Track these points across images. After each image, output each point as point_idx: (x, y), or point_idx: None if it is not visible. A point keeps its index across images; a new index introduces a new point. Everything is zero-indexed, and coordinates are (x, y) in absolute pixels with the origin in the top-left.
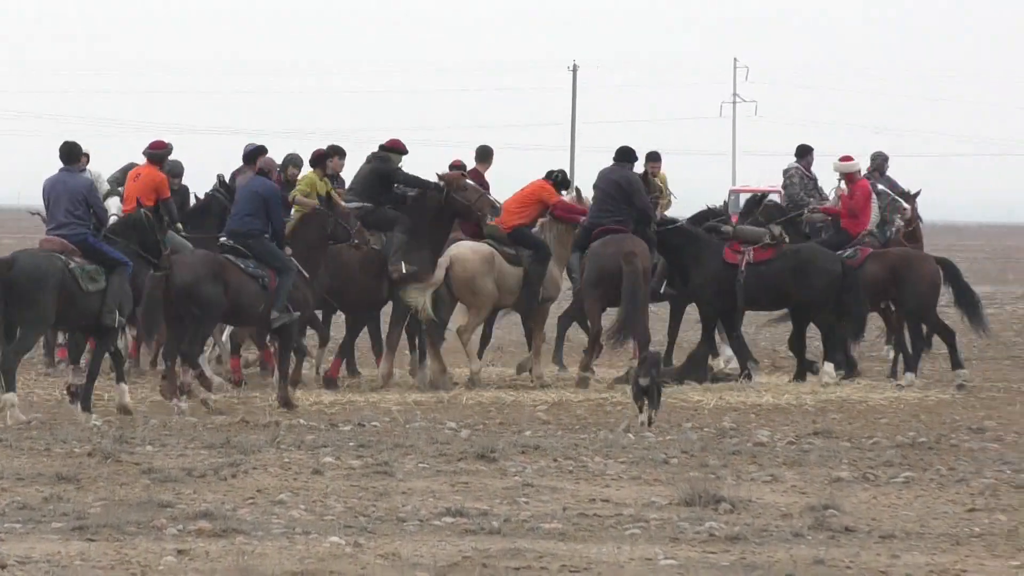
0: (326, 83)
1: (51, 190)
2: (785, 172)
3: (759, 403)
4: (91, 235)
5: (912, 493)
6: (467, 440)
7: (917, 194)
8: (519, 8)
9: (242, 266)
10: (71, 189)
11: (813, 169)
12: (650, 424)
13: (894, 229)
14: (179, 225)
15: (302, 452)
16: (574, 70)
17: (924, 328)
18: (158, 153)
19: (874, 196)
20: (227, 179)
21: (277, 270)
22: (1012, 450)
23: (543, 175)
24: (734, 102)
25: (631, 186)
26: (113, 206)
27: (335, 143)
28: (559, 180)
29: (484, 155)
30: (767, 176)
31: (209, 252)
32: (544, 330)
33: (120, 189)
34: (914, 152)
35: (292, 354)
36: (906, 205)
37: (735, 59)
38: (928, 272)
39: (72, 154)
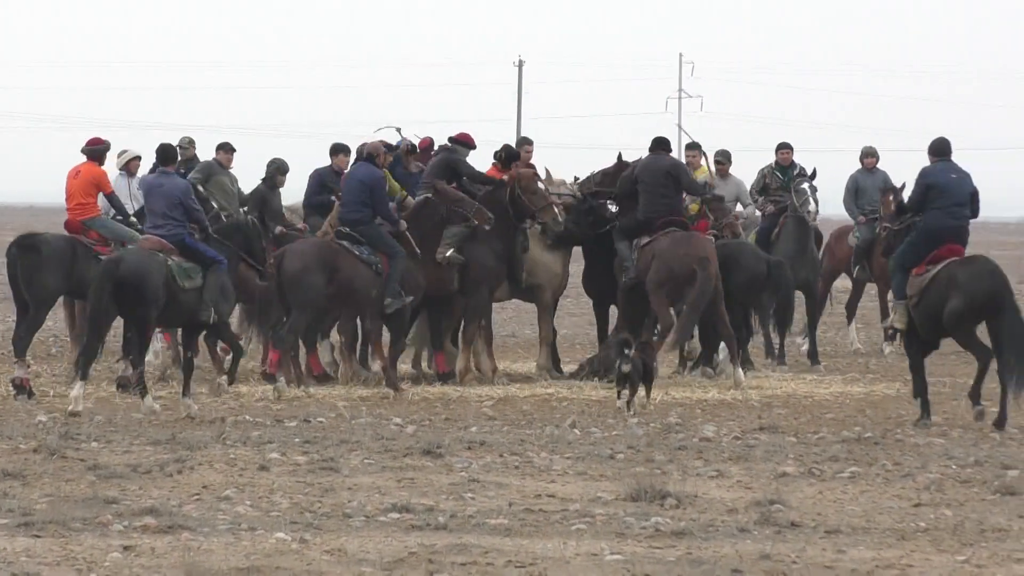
0: (266, 79)
1: (148, 192)
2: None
3: (705, 398)
4: (188, 235)
5: (858, 488)
6: (413, 436)
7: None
8: (465, 3)
9: (356, 253)
10: (167, 191)
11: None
12: (628, 408)
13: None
14: (133, 219)
15: (248, 448)
16: (519, 65)
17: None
18: (96, 149)
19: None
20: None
21: (388, 256)
22: (957, 445)
23: (492, 160)
24: (680, 97)
25: (678, 170)
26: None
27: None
28: (504, 157)
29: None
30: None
31: (322, 240)
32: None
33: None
34: (841, 148)
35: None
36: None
37: (681, 55)
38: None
39: (168, 156)
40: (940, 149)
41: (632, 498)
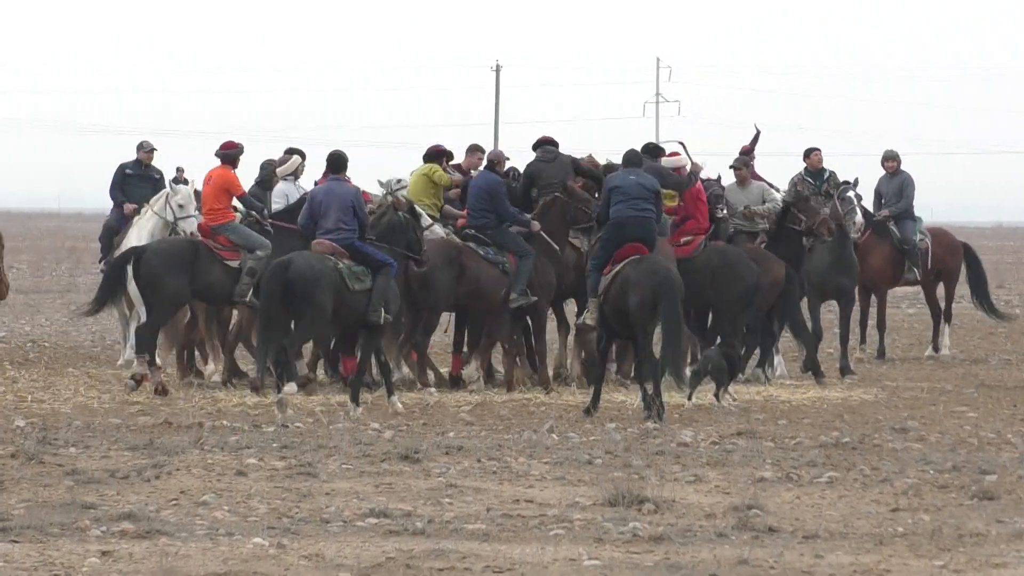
0: (242, 83)
1: (323, 198)
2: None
3: (682, 403)
4: (357, 239)
5: (836, 493)
6: (391, 441)
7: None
8: (441, 5)
9: (481, 253)
10: (340, 197)
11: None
12: (718, 399)
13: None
14: (268, 223)
15: (225, 453)
16: (497, 70)
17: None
18: (230, 153)
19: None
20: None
21: (517, 255)
22: (935, 450)
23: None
24: (657, 102)
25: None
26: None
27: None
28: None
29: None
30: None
31: (447, 239)
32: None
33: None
34: (841, 151)
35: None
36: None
37: (658, 59)
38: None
39: (340, 163)
40: (628, 160)
41: (610, 503)
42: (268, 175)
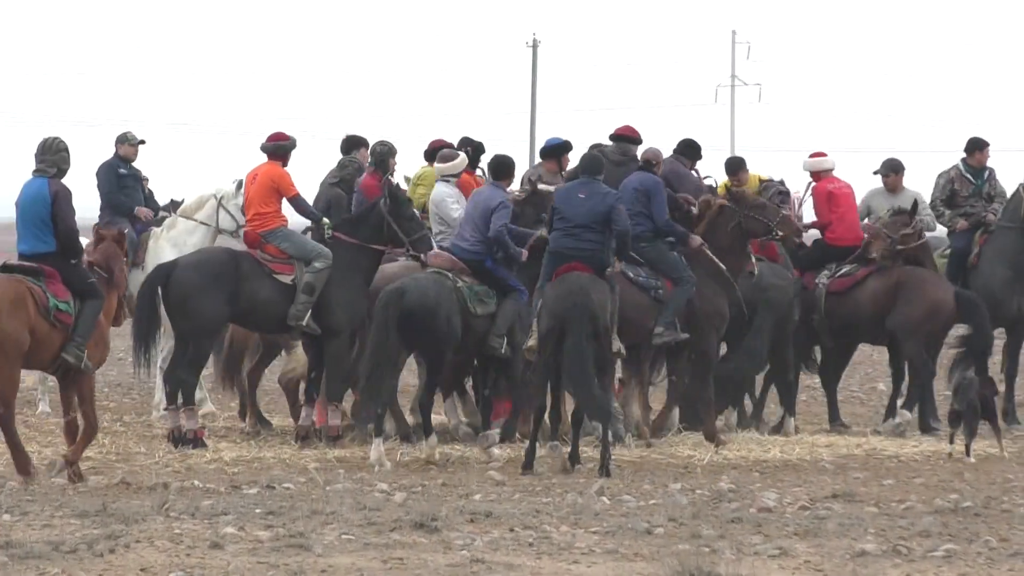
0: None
1: (471, 202)
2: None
3: (764, 459)
4: (490, 258)
5: (954, 570)
6: (402, 505)
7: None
8: None
9: (631, 275)
10: (483, 204)
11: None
12: (967, 453)
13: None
14: (326, 221)
15: (197, 521)
16: (534, 46)
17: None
18: (281, 146)
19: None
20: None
21: (674, 281)
22: None
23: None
24: (732, 85)
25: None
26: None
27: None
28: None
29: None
30: (774, 175)
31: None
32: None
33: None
34: (939, 147)
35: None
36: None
37: (734, 33)
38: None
39: (502, 170)
40: (585, 167)
41: None
42: (350, 174)
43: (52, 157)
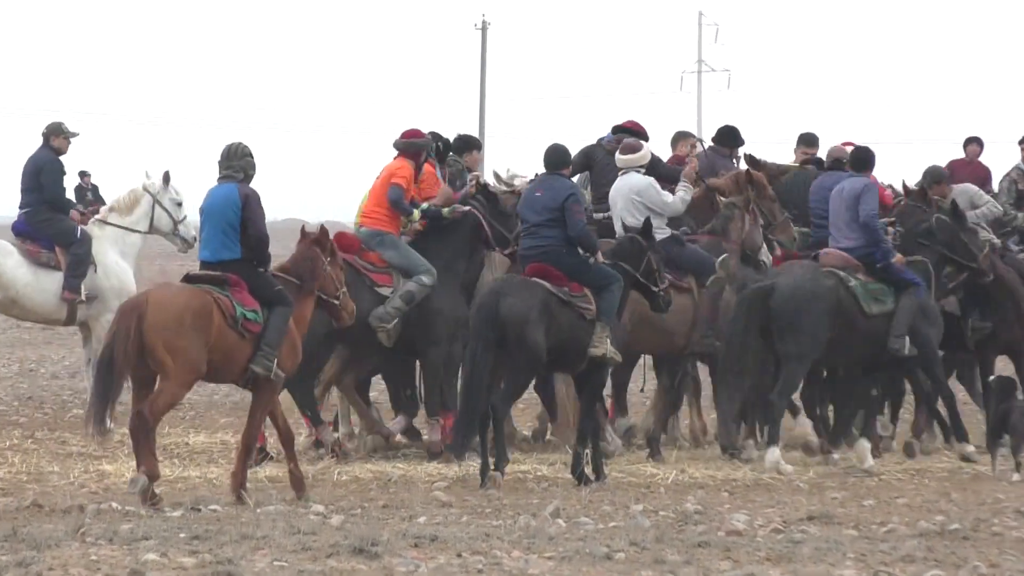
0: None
1: (834, 199)
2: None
3: (734, 477)
4: (879, 252)
5: None
6: (339, 529)
7: None
8: None
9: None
10: (847, 197)
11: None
12: (1018, 469)
13: None
14: (415, 215)
15: (115, 547)
16: (483, 28)
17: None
18: (414, 143)
19: None
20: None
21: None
22: None
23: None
24: (699, 71)
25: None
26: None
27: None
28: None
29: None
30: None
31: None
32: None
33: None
34: (917, 137)
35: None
36: None
37: (700, 14)
38: None
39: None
40: (549, 161)
41: None
42: (453, 174)
43: (239, 162)
